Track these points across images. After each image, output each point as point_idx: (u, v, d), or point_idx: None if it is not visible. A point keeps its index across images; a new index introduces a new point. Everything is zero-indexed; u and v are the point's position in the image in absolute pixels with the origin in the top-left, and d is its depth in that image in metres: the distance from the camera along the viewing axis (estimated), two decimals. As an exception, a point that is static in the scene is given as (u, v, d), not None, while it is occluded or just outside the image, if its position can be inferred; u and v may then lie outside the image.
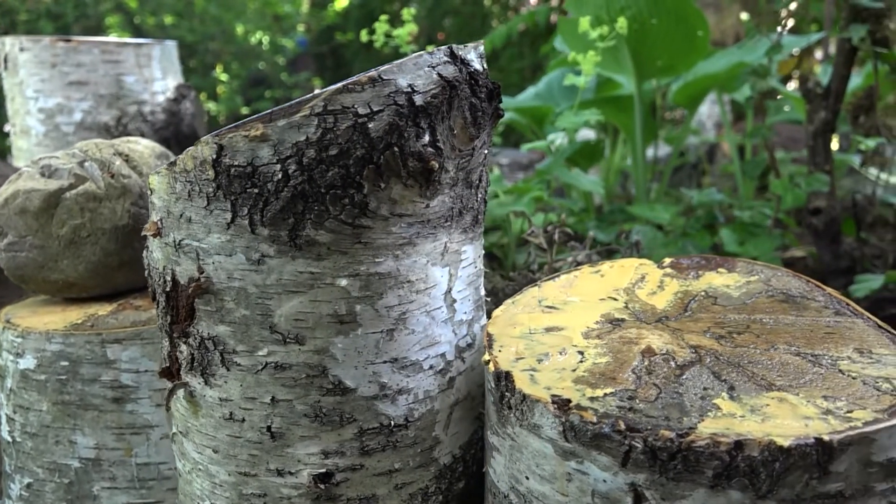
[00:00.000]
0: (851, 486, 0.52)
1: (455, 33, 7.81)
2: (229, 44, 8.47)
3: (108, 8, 8.72)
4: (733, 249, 1.38)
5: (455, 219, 0.69)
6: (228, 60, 8.82)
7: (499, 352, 0.65)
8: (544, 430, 0.57)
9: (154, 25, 8.77)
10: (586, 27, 1.25)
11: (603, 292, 0.77)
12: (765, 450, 0.51)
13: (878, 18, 1.31)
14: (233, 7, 8.65)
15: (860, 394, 0.56)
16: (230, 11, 8.62)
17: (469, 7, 7.59)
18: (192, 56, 8.83)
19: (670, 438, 0.52)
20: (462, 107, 0.65)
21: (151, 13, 8.65)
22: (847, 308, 0.70)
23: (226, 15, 8.53)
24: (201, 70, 8.51)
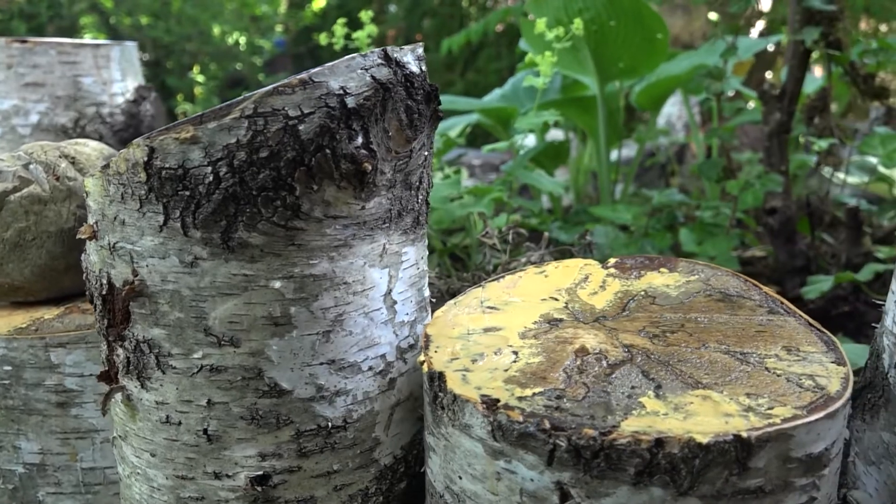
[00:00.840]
0: (771, 481, 0.53)
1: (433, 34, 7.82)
2: (206, 44, 8.41)
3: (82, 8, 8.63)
4: (691, 249, 1.40)
5: (394, 220, 0.69)
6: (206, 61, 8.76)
7: (435, 352, 0.65)
8: (474, 430, 0.58)
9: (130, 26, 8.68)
10: (542, 29, 1.26)
11: (545, 292, 0.77)
12: (685, 447, 0.51)
13: (831, 21, 1.33)
14: (210, 7, 8.60)
15: (782, 391, 0.57)
16: (207, 12, 8.56)
17: (447, 8, 7.60)
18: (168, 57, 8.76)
19: (593, 437, 0.52)
20: (397, 109, 0.65)
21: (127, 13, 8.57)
22: (781, 307, 0.71)
23: (202, 15, 8.47)
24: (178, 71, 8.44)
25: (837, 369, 0.60)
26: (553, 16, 1.57)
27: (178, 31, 8.54)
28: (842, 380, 0.58)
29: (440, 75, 7.54)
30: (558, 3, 1.54)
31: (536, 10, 1.57)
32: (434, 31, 7.91)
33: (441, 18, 7.75)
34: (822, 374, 0.59)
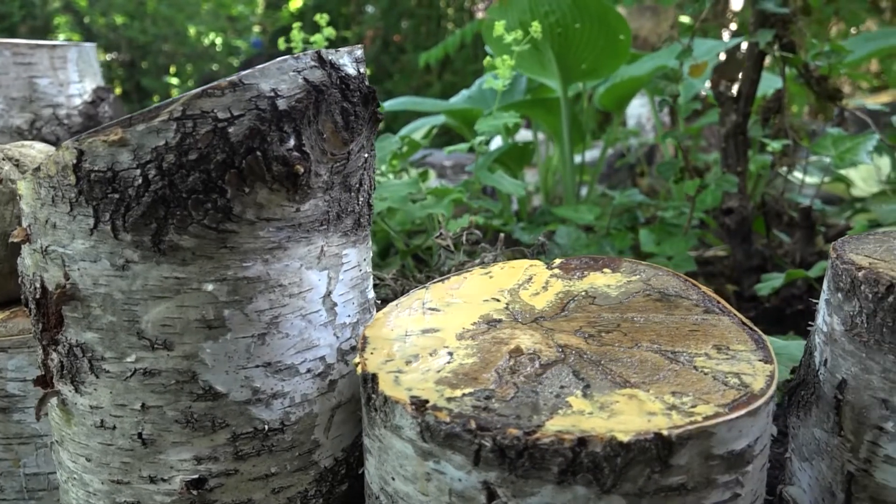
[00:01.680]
0: (693, 478, 0.54)
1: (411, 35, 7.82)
2: (182, 45, 8.35)
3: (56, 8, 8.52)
4: (650, 249, 1.41)
5: (333, 222, 0.69)
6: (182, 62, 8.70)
7: (371, 354, 0.65)
8: (404, 431, 0.58)
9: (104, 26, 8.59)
10: (500, 31, 1.27)
11: (488, 293, 0.78)
12: (607, 445, 0.52)
13: (784, 24, 1.35)
14: (185, 8, 8.54)
15: (707, 389, 0.57)
16: (183, 12, 8.50)
17: (424, 9, 7.62)
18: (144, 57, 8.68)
19: (517, 437, 0.53)
20: (332, 111, 0.65)
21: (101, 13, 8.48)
22: (717, 306, 0.72)
23: (178, 16, 8.42)
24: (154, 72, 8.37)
25: (764, 367, 0.60)
26: (518, 19, 1.58)
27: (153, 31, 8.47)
28: (767, 378, 0.59)
29: (417, 77, 7.55)
30: (524, 6, 1.55)
31: (502, 13, 1.57)
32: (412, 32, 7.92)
33: (419, 19, 7.76)
34: (748, 372, 0.60)
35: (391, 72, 7.82)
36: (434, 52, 3.57)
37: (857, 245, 0.70)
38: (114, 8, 8.24)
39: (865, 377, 0.61)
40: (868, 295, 0.60)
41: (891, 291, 0.58)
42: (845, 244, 0.70)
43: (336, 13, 8.36)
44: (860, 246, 0.69)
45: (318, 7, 8.31)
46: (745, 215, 1.37)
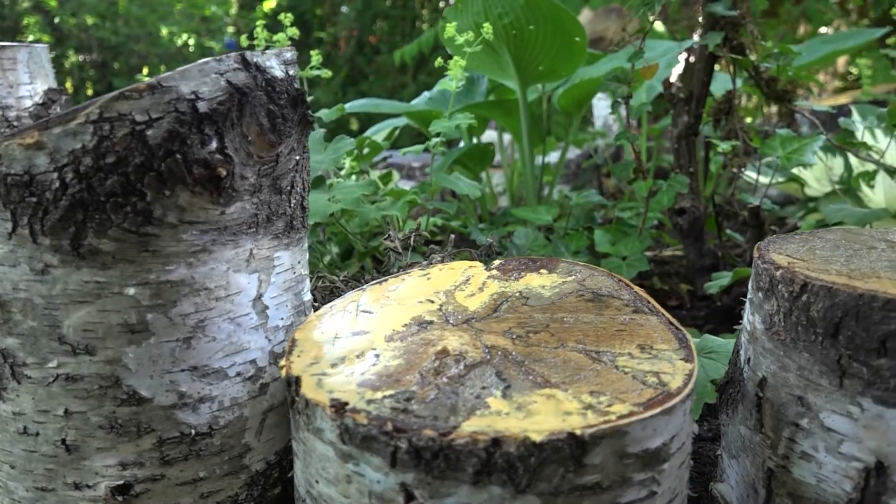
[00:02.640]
0: (608, 477, 0.54)
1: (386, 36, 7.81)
2: (155, 46, 8.28)
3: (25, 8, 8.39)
4: (605, 249, 1.42)
5: (262, 225, 0.69)
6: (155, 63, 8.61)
7: (297, 357, 0.65)
8: (325, 434, 0.58)
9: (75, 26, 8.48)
10: (451, 33, 1.27)
11: (423, 295, 0.78)
12: (520, 446, 0.52)
13: (734, 26, 1.37)
14: (158, 8, 8.46)
15: (625, 388, 0.58)
16: (155, 13, 8.42)
17: (399, 10, 7.62)
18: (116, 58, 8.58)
19: (432, 438, 0.53)
20: (257, 114, 0.65)
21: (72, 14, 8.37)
22: (647, 306, 0.73)
23: (150, 16, 8.34)
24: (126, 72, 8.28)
25: (684, 366, 0.61)
26: (473, 21, 1.58)
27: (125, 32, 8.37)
28: (685, 376, 0.59)
29: (393, 77, 7.55)
30: (478, 8, 1.55)
31: (457, 15, 1.58)
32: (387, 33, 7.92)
33: (393, 20, 7.76)
34: (668, 371, 0.61)
35: (366, 73, 7.81)
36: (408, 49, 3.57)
37: (780, 245, 0.71)
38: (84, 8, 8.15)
39: (783, 375, 0.62)
40: (784, 294, 0.61)
41: (804, 290, 0.59)
42: (770, 244, 0.71)
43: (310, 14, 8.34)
44: (784, 246, 0.70)
45: (291, 7, 8.27)
46: (698, 215, 1.38)
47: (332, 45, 8.00)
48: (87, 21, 8.31)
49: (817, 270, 0.61)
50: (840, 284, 0.57)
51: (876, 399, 0.56)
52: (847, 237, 0.73)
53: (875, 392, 0.56)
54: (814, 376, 0.59)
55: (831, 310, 0.57)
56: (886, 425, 0.56)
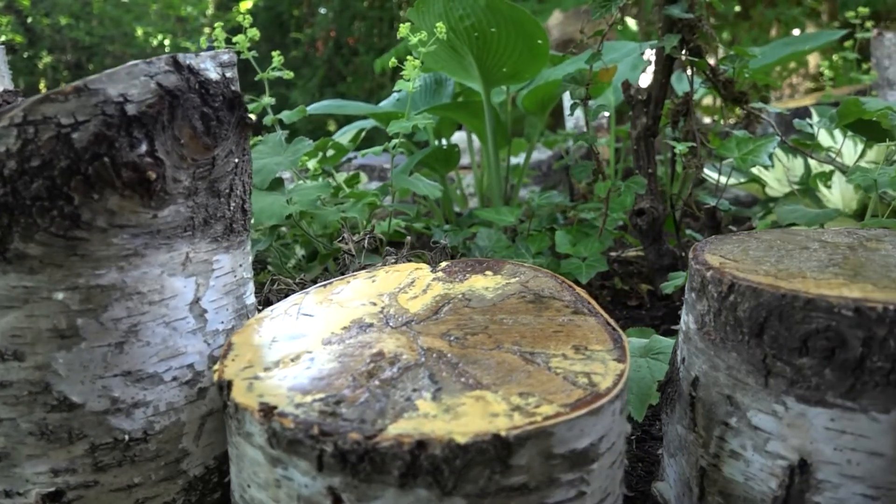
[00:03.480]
0: (535, 477, 0.55)
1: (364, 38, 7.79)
2: (130, 46, 8.19)
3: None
4: (566, 250, 1.43)
5: (199, 228, 0.69)
6: (131, 64, 8.50)
7: (232, 361, 0.65)
8: (255, 438, 0.57)
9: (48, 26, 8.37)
10: (404, 33, 1.27)
11: (366, 297, 0.78)
12: (445, 448, 0.52)
13: (691, 29, 1.38)
14: (133, 9, 8.38)
15: (555, 389, 0.58)
16: (130, 13, 8.34)
17: (377, 11, 7.60)
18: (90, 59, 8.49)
19: (358, 441, 0.53)
20: (189, 116, 0.65)
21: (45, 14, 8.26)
22: (586, 307, 0.73)
23: (125, 17, 8.26)
24: (101, 73, 8.18)
25: (616, 366, 0.62)
26: (434, 22, 1.58)
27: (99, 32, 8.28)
28: (616, 377, 0.60)
29: (371, 79, 7.53)
30: (439, 10, 1.55)
31: (418, 17, 1.58)
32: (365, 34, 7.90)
33: (371, 21, 7.74)
34: (599, 371, 0.61)
35: (344, 74, 7.79)
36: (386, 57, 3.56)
37: (716, 246, 0.71)
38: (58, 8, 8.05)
39: (713, 374, 0.63)
40: (714, 294, 0.62)
41: (732, 290, 0.60)
42: (706, 245, 0.72)
43: (288, 14, 8.30)
44: (720, 246, 0.71)
45: (269, 9, 8.23)
46: (656, 216, 1.39)
47: (309, 46, 7.97)
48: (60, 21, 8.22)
49: (746, 271, 0.62)
50: (765, 284, 0.58)
51: (799, 398, 0.57)
52: (783, 237, 0.74)
53: (798, 391, 0.57)
54: (741, 375, 0.60)
55: (756, 310, 0.58)
56: (809, 423, 0.56)
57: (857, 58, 2.38)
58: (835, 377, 0.55)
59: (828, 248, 0.69)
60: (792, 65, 4.56)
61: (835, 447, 0.56)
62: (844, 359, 0.54)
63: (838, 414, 0.55)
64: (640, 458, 0.94)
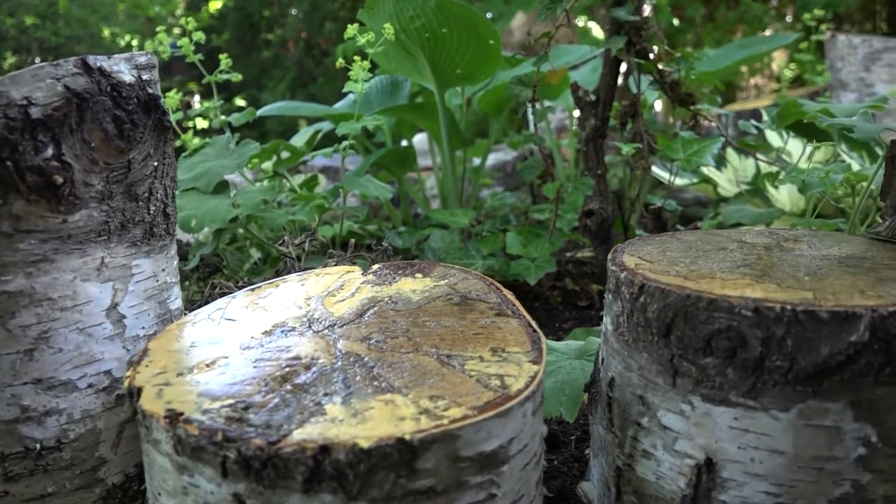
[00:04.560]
0: (442, 481, 0.55)
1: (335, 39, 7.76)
2: (97, 47, 8.07)
3: (-41, 8, 8.11)
4: (516, 251, 1.43)
5: (115, 233, 0.68)
6: (99, 64, 8.38)
7: (145, 367, 0.64)
8: (162, 446, 0.57)
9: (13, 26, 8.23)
10: (351, 34, 1.27)
11: (293, 301, 0.77)
12: (349, 452, 0.52)
13: (637, 31, 1.39)
14: (100, 9, 8.26)
15: (466, 392, 0.58)
16: (97, 13, 8.22)
17: (348, 12, 7.56)
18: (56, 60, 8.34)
19: (261, 447, 0.52)
20: (100, 119, 0.64)
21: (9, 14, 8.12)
22: (510, 309, 0.73)
23: (92, 17, 8.13)
24: (68, 74, 8.06)
25: (531, 368, 0.62)
26: (386, 23, 1.58)
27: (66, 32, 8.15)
28: (528, 378, 0.60)
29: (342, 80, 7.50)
30: (390, 11, 1.55)
31: (368, 18, 1.57)
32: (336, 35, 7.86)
33: (342, 22, 7.71)
34: (513, 373, 0.61)
35: (315, 75, 7.74)
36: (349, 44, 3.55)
37: (637, 247, 0.72)
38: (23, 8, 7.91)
39: (627, 375, 0.63)
40: (627, 295, 0.62)
41: (642, 292, 0.60)
42: (628, 246, 0.73)
43: (258, 15, 8.24)
44: (641, 247, 0.72)
45: (239, 9, 8.16)
46: (605, 217, 1.40)
47: (280, 47, 7.92)
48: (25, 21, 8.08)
49: (658, 272, 0.62)
50: (673, 285, 0.59)
51: (704, 397, 0.57)
52: (705, 238, 0.74)
53: (703, 390, 0.57)
54: (652, 376, 0.61)
55: (664, 310, 0.58)
56: (714, 422, 0.57)
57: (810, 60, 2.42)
58: (737, 376, 0.55)
59: (745, 248, 0.70)
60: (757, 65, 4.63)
61: (739, 446, 0.56)
62: (745, 358, 0.55)
63: (741, 413, 0.56)
64: (576, 459, 0.95)
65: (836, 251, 0.69)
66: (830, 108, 1.15)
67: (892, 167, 0.74)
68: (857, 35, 2.52)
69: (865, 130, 0.93)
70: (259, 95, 7.52)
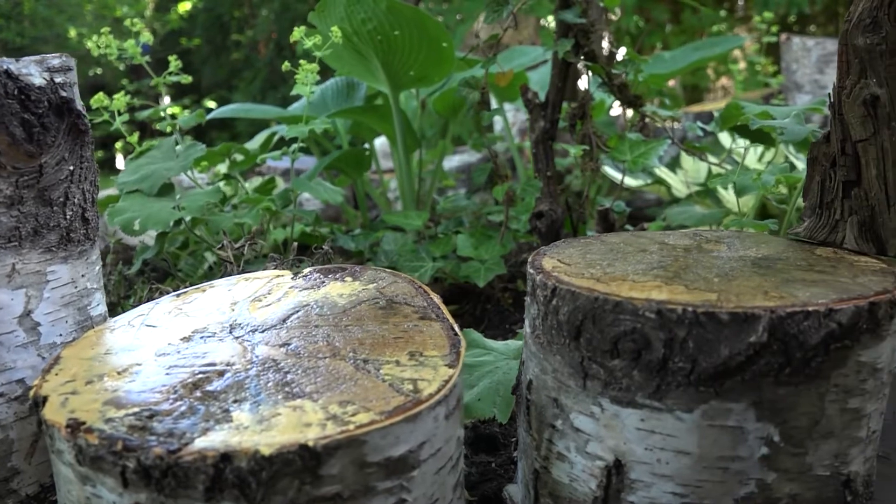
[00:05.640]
0: (349, 486, 0.54)
1: (307, 40, 7.71)
2: (63, 48, 7.94)
3: (-81, 8, 7.95)
4: (467, 253, 1.44)
5: (28, 239, 0.66)
6: (66, 65, 8.26)
7: (55, 375, 0.63)
8: (65, 456, 0.56)
9: (-25, 27, 8.08)
10: (297, 36, 1.26)
11: (218, 306, 0.77)
12: (251, 460, 0.52)
13: (585, 34, 1.40)
14: (66, 9, 8.14)
15: (377, 396, 0.58)
16: (63, 13, 8.10)
17: (318, 13, 7.53)
18: (21, 61, 8.21)
19: (161, 456, 0.52)
20: (7, 123, 0.62)
21: (-28, 14, 7.97)
22: (435, 312, 0.73)
23: (58, 17, 8.01)
24: (34, 76, 7.93)
25: (445, 372, 0.62)
26: (337, 26, 1.57)
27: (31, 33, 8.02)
28: (442, 383, 0.60)
29: (313, 81, 7.46)
30: (341, 14, 1.54)
31: (319, 20, 1.56)
32: (307, 37, 7.81)
33: (312, 24, 7.67)
34: (427, 377, 0.61)
35: (286, 77, 7.70)
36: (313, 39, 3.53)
37: (560, 249, 0.72)
38: (-14, 8, 7.77)
39: (543, 377, 0.63)
40: (541, 298, 0.62)
41: (555, 294, 0.60)
42: (550, 248, 0.73)
43: (229, 16, 8.16)
44: (564, 250, 0.72)
45: (209, 10, 8.08)
46: (555, 218, 1.41)
47: (251, 48, 7.86)
48: (-11, 21, 7.94)
49: (573, 275, 0.63)
50: (583, 288, 0.59)
51: (613, 399, 0.57)
52: (629, 240, 0.75)
53: (612, 392, 0.57)
54: (564, 378, 0.61)
55: (574, 313, 0.59)
56: (622, 424, 0.57)
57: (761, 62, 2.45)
58: (642, 378, 0.56)
59: (665, 250, 0.71)
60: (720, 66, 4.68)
61: (646, 447, 0.57)
62: (649, 360, 0.55)
63: (647, 414, 0.56)
64: (514, 461, 0.95)
65: (754, 252, 0.70)
66: (770, 111, 1.17)
67: (812, 168, 0.75)
68: (810, 37, 2.56)
69: (794, 133, 0.94)
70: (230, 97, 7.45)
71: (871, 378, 0.57)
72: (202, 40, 7.91)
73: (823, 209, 0.73)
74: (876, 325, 0.55)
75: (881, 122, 0.66)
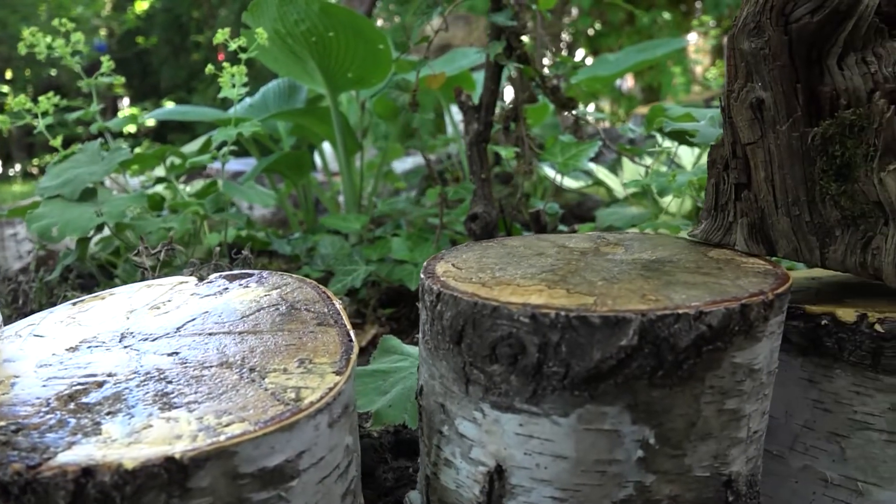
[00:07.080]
0: (221, 499, 0.53)
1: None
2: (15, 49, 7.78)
3: None
4: (402, 256, 1.43)
5: None
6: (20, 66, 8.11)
7: (-74, 389, 0.60)
8: (-75, 473, 0.54)
9: (-75, 28, 7.88)
10: (221, 39, 1.24)
11: (113, 315, 0.75)
12: (114, 474, 0.50)
13: (516, 36, 1.41)
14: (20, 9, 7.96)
15: (255, 406, 0.57)
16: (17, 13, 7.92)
17: (279, 14, 7.46)
18: (-26, 61, 8.03)
19: (19, 472, 0.50)
20: None
21: (-79, 14, 7.78)
22: (333, 318, 0.72)
23: (11, 17, 7.84)
24: (-12, 77, 7.75)
25: (332, 379, 0.61)
26: (271, 27, 1.55)
27: (-16, 34, 7.84)
28: (325, 390, 0.59)
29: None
30: (273, 15, 1.53)
31: (253, 20, 1.55)
32: (269, 37, 7.73)
33: (274, 24, 7.59)
34: (311, 385, 0.60)
35: (247, 77, 7.61)
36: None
37: (458, 253, 0.72)
38: (-64, 9, 7.57)
39: (431, 383, 0.63)
40: (427, 303, 0.62)
41: (439, 299, 0.60)
42: (450, 252, 0.72)
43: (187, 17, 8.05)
44: (461, 254, 0.72)
45: (167, 10, 7.97)
46: (489, 221, 1.41)
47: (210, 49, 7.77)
48: (-61, 22, 7.75)
49: (461, 280, 0.62)
50: (466, 293, 0.59)
51: (493, 404, 0.57)
52: (528, 243, 0.75)
53: (492, 398, 0.57)
54: (449, 383, 0.60)
55: (456, 318, 0.58)
56: (502, 429, 0.57)
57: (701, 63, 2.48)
58: (519, 383, 0.56)
59: (562, 253, 0.71)
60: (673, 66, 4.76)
61: (525, 452, 0.56)
62: (525, 365, 0.55)
63: (525, 419, 0.56)
64: (431, 465, 0.94)
65: (649, 255, 0.70)
66: (694, 113, 1.18)
67: (710, 171, 0.76)
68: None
69: (707, 135, 0.95)
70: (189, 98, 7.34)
71: (749, 379, 0.58)
72: (161, 41, 7.78)
73: (718, 211, 0.73)
74: (749, 326, 0.56)
75: (767, 126, 0.67)
